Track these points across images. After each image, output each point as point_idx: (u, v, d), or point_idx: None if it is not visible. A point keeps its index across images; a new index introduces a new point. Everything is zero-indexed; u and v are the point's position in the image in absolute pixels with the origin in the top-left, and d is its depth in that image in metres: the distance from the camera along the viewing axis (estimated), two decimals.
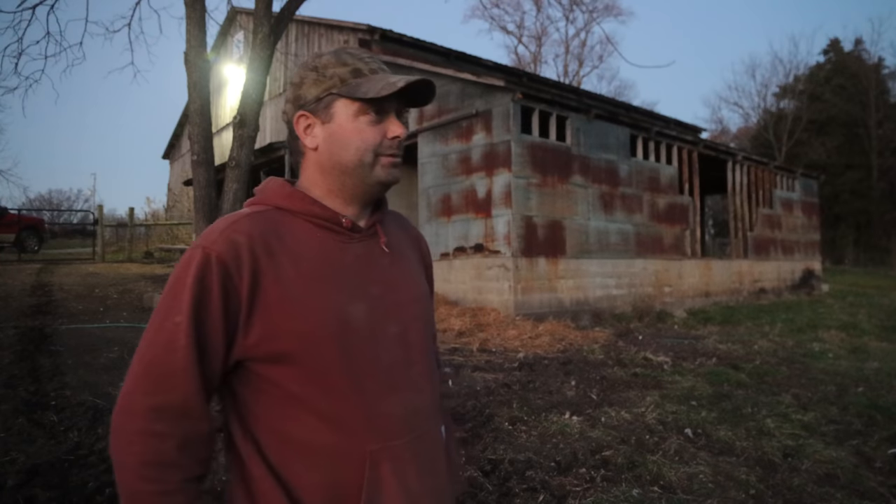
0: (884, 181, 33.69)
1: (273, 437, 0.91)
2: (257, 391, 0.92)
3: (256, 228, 0.93)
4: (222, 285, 0.88)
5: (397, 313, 1.01)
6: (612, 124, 10.99)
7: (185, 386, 0.85)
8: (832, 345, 7.72)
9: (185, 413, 0.85)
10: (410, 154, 11.32)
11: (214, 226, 0.94)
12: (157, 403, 0.84)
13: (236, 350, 0.90)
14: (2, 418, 3.81)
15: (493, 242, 9.45)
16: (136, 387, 0.86)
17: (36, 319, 7.18)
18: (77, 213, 32.47)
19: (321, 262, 0.95)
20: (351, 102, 0.98)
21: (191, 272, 0.88)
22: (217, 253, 0.89)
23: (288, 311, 0.90)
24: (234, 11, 15.95)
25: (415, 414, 0.99)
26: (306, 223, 0.98)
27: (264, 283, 0.90)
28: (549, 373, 5.70)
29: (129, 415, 0.85)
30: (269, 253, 0.92)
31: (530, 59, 42.20)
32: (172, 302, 0.88)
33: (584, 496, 2.96)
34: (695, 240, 13.06)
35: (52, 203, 42.10)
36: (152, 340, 0.88)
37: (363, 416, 0.92)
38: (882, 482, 3.23)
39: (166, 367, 0.85)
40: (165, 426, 0.84)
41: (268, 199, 1.01)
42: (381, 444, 0.92)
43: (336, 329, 0.92)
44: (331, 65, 1.00)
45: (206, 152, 5.94)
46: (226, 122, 17.88)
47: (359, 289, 0.97)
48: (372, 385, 0.94)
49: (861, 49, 37.86)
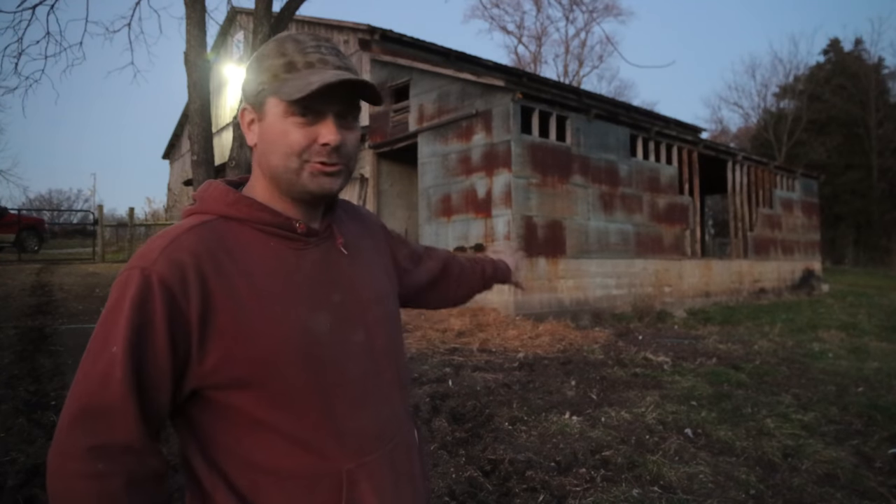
0: (884, 181, 33.68)
1: (241, 466, 0.85)
2: (219, 419, 0.85)
3: (202, 244, 0.84)
4: (167, 311, 0.79)
5: (361, 318, 0.95)
6: (612, 124, 10.99)
7: (125, 422, 0.77)
8: (832, 345, 7.72)
9: (128, 450, 0.77)
10: (410, 154, 11.33)
11: (152, 243, 0.84)
12: (95, 442, 0.76)
13: (190, 379, 0.82)
14: (2, 418, 3.81)
15: (493, 242, 9.44)
16: (72, 425, 0.77)
17: (36, 319, 7.18)
18: (77, 213, 32.47)
19: (277, 275, 0.87)
20: (279, 101, 0.87)
21: (128, 297, 0.79)
22: (159, 275, 0.80)
23: (245, 333, 0.82)
24: (234, 11, 15.95)
25: (387, 424, 0.95)
26: (257, 232, 0.89)
27: (216, 306, 0.81)
28: (549, 373, 5.70)
29: (66, 456, 0.76)
30: (219, 271, 0.83)
31: (530, 59, 42.22)
32: (108, 330, 0.79)
33: (584, 496, 2.96)
34: (695, 240, 13.07)
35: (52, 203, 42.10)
36: (87, 373, 0.79)
37: (335, 435, 0.87)
38: (882, 482, 3.23)
39: (102, 403, 0.77)
40: (108, 465, 0.76)
41: (210, 207, 0.90)
42: (357, 461, 0.88)
43: (299, 347, 0.85)
44: (270, 55, 0.90)
45: (206, 152, 5.94)
46: (226, 122, 17.88)
47: (319, 298, 0.90)
48: (341, 401, 0.89)
49: (861, 49, 37.88)
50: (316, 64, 0.88)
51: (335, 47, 0.93)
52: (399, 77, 11.58)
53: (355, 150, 0.94)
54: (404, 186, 13.04)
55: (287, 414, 0.85)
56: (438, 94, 10.71)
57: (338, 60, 0.90)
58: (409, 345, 6.76)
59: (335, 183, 0.91)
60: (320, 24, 15.15)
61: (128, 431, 0.78)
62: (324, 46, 0.91)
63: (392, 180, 12.97)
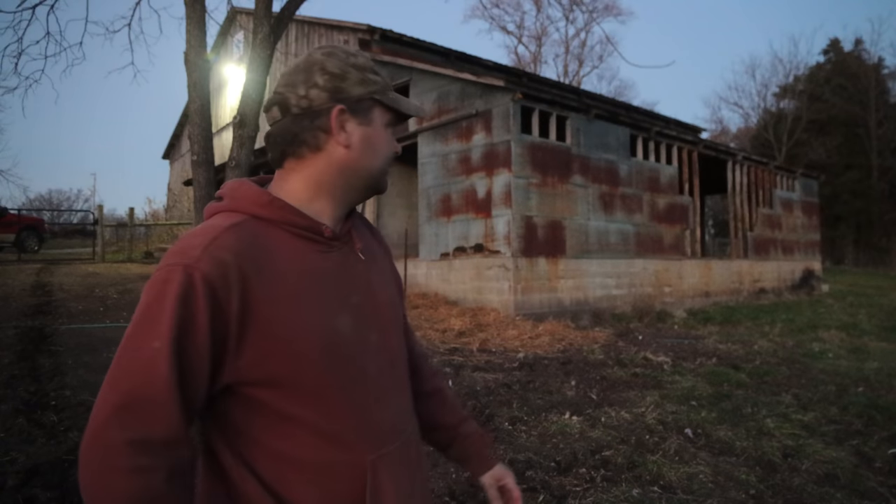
0: (884, 181, 33.68)
1: (269, 458, 0.88)
2: (249, 413, 0.88)
3: (241, 243, 0.87)
4: (209, 309, 0.81)
5: (377, 319, 1.00)
6: (612, 124, 10.99)
7: (167, 417, 0.79)
8: (832, 345, 7.72)
9: (170, 444, 0.79)
10: (410, 154, 11.33)
11: (191, 240, 0.86)
12: (138, 437, 0.77)
13: (226, 375, 0.85)
14: (2, 418, 3.81)
15: (493, 242, 9.45)
16: (112, 419, 0.77)
17: (36, 319, 7.18)
18: (77, 213, 32.46)
19: (306, 276, 0.91)
20: (385, 112, 0.99)
21: (171, 293, 0.81)
22: (203, 273, 0.82)
23: (279, 331, 0.86)
24: (234, 11, 15.94)
25: (400, 418, 1.01)
26: (285, 233, 0.92)
27: (254, 304, 0.84)
28: (549, 373, 5.70)
29: (106, 450, 0.77)
30: (258, 271, 0.86)
31: (530, 59, 42.23)
32: (149, 326, 0.81)
33: (584, 496, 2.96)
34: (695, 240, 13.07)
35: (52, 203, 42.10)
36: (127, 368, 0.81)
37: (359, 428, 0.92)
38: (882, 482, 3.23)
39: (145, 398, 0.78)
40: (151, 459, 0.77)
41: (242, 206, 0.93)
42: (378, 452, 0.93)
43: (327, 345, 0.90)
44: (369, 69, 0.98)
45: (206, 152, 5.94)
46: (226, 122, 17.88)
47: (342, 300, 0.95)
48: (363, 395, 0.93)
49: (861, 49, 37.89)
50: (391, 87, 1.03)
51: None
52: (399, 77, 11.58)
53: None
54: (404, 186, 13.04)
55: (315, 408, 0.89)
56: (438, 94, 10.72)
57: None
58: None
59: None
60: (321, 23, 15.15)
61: (169, 425, 0.79)
62: None
63: (392, 180, 12.95)
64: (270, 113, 0.97)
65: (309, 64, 0.96)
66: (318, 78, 0.95)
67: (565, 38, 47.87)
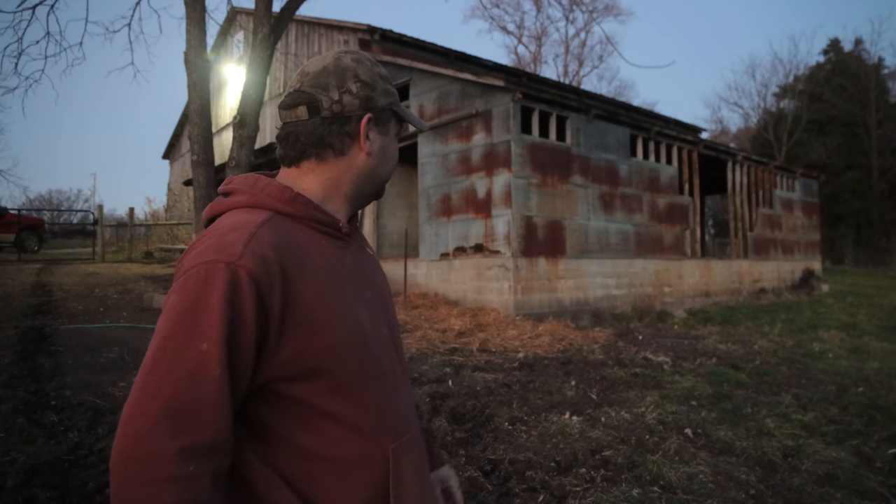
0: (884, 181, 33.68)
1: (296, 456, 0.87)
2: (281, 411, 0.87)
3: (279, 239, 0.86)
4: (256, 306, 0.80)
5: (385, 313, 1.04)
6: (612, 124, 10.99)
7: (217, 421, 0.77)
8: (832, 345, 7.72)
9: (217, 449, 0.77)
10: (410, 154, 11.33)
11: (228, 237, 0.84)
12: (186, 444, 0.74)
13: (263, 373, 0.84)
14: (2, 418, 3.81)
15: (493, 242, 9.45)
16: (157, 428, 0.74)
17: (36, 319, 7.18)
18: (77, 214, 32.49)
19: (333, 271, 0.94)
20: (396, 123, 1.04)
21: (216, 292, 0.78)
22: (248, 270, 0.80)
23: (315, 325, 0.86)
24: (234, 11, 15.94)
25: (410, 407, 1.04)
26: (308, 229, 0.94)
27: (294, 299, 0.85)
28: (549, 373, 5.70)
29: (151, 462, 0.73)
30: (296, 266, 0.87)
31: (530, 59, 42.23)
32: (194, 326, 0.77)
33: (584, 496, 2.96)
34: (695, 240, 13.07)
35: (52, 203, 42.14)
36: (170, 372, 0.76)
37: (381, 418, 0.94)
38: (882, 482, 3.23)
39: (194, 403, 0.76)
40: (198, 467, 0.75)
41: (266, 202, 0.93)
42: (397, 441, 0.95)
43: (355, 337, 0.92)
44: (389, 79, 1.03)
45: (206, 152, 5.95)
46: (226, 122, 17.88)
47: (360, 294, 0.97)
48: (383, 387, 0.96)
49: (861, 49, 37.90)
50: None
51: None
52: (399, 77, 11.58)
53: None
54: (404, 186, 13.04)
55: (345, 401, 0.90)
56: (438, 94, 10.71)
57: None
58: (409, 345, 6.76)
59: None
60: (321, 23, 15.15)
61: (217, 430, 0.77)
62: None
63: (392, 180, 12.94)
64: (295, 111, 0.96)
65: (340, 68, 0.97)
66: (351, 84, 0.96)
67: (565, 38, 47.89)
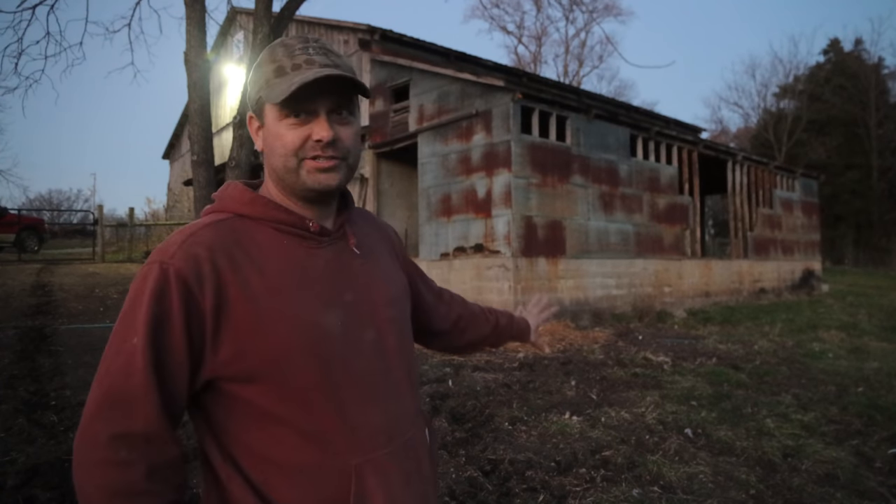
0: (884, 181, 33.68)
1: (254, 459, 0.87)
2: (232, 410, 0.87)
3: (218, 239, 0.87)
4: (183, 303, 0.82)
5: (372, 318, 0.96)
6: (612, 124, 10.98)
7: (145, 411, 0.80)
8: (832, 345, 7.72)
9: (149, 439, 0.80)
10: (410, 154, 11.33)
11: (172, 238, 0.88)
12: (118, 431, 0.79)
13: (206, 369, 0.85)
14: (2, 418, 3.81)
15: (493, 242, 9.45)
16: (96, 415, 0.80)
17: (36, 319, 7.18)
18: (77, 214, 32.49)
19: (289, 272, 0.90)
20: (272, 105, 0.91)
21: (147, 290, 0.82)
22: (176, 268, 0.83)
23: (257, 327, 0.85)
24: (234, 11, 15.94)
25: (396, 422, 0.96)
26: (271, 230, 0.92)
27: (230, 298, 0.84)
28: (549, 373, 5.70)
29: (90, 445, 0.79)
30: (233, 265, 0.86)
31: (530, 59, 42.21)
32: (128, 322, 0.82)
33: (584, 496, 2.96)
34: (695, 240, 13.06)
35: (52, 203, 42.14)
36: (109, 364, 0.82)
37: (344, 430, 0.89)
38: (882, 482, 3.23)
39: (125, 393, 0.80)
40: (130, 454, 0.79)
41: (227, 206, 0.94)
42: (365, 456, 0.89)
43: (308, 343, 0.87)
44: (263, 62, 0.94)
45: (206, 152, 5.95)
46: (226, 122, 17.87)
47: (331, 296, 0.92)
48: (350, 396, 0.90)
49: (861, 49, 37.88)
50: (302, 65, 0.90)
51: (324, 46, 0.95)
52: (399, 77, 11.58)
53: (353, 143, 0.96)
54: (404, 186, 13.04)
55: (296, 408, 0.87)
56: (438, 94, 10.71)
57: (325, 59, 0.92)
58: None
59: (333, 178, 0.93)
60: (320, 24, 15.14)
61: (149, 420, 0.80)
62: (311, 47, 0.93)
63: (392, 180, 12.97)
64: None
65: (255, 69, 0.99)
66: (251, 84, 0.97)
67: (565, 38, 47.89)
